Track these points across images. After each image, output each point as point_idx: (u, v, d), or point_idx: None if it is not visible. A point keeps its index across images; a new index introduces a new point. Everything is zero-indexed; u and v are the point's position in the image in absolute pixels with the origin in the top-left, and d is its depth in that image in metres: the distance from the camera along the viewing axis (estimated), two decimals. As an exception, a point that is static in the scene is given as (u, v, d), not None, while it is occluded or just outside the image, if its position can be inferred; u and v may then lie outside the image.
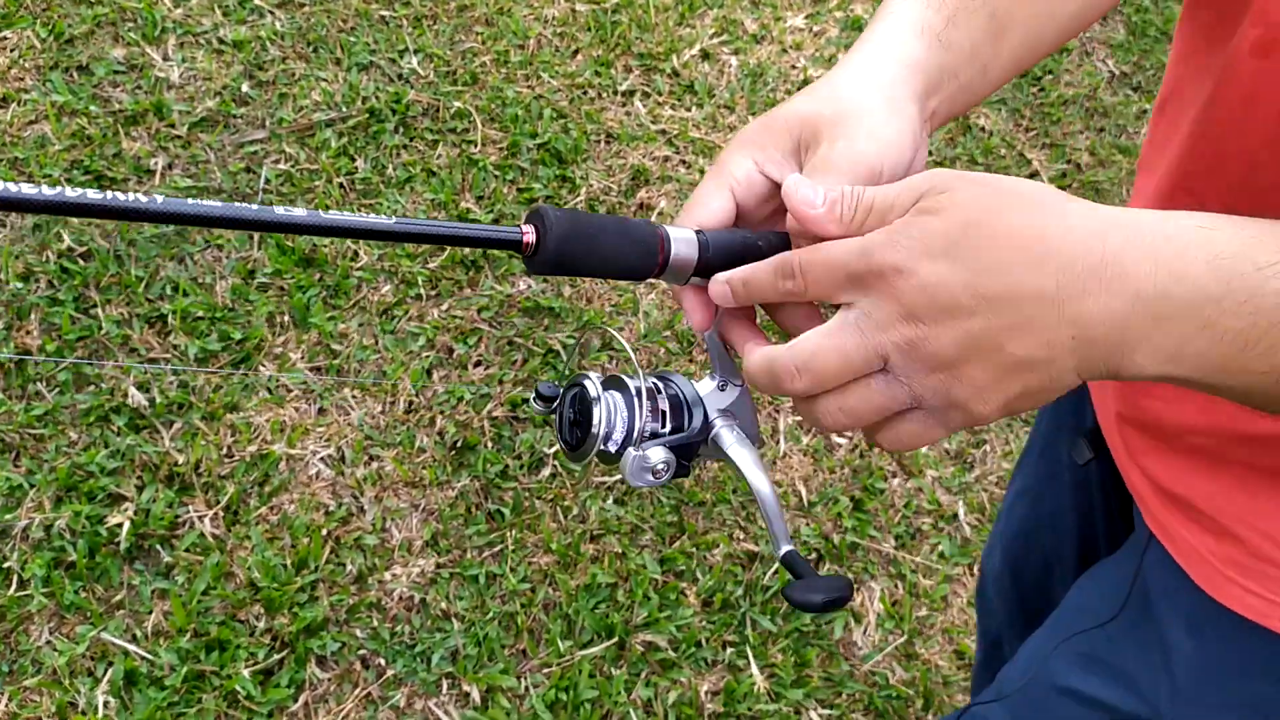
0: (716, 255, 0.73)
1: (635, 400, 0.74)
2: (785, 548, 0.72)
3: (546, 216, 0.69)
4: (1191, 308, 0.56)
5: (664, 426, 0.75)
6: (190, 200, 0.59)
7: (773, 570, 1.95)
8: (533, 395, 0.80)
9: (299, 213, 0.62)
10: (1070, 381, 0.60)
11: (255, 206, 0.61)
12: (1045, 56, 1.00)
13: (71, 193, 0.57)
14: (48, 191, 0.56)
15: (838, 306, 0.63)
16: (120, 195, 0.58)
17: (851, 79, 0.76)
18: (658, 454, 0.74)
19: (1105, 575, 1.00)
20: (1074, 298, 0.57)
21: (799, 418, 2.00)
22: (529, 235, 0.69)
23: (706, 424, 0.77)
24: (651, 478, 0.75)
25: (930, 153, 0.99)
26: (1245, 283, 0.56)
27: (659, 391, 0.76)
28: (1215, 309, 0.56)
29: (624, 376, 0.76)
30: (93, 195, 0.57)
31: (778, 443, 2.11)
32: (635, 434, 0.74)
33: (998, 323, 0.58)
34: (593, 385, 0.75)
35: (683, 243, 0.73)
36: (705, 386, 0.78)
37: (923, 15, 0.78)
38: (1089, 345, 0.58)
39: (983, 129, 2.75)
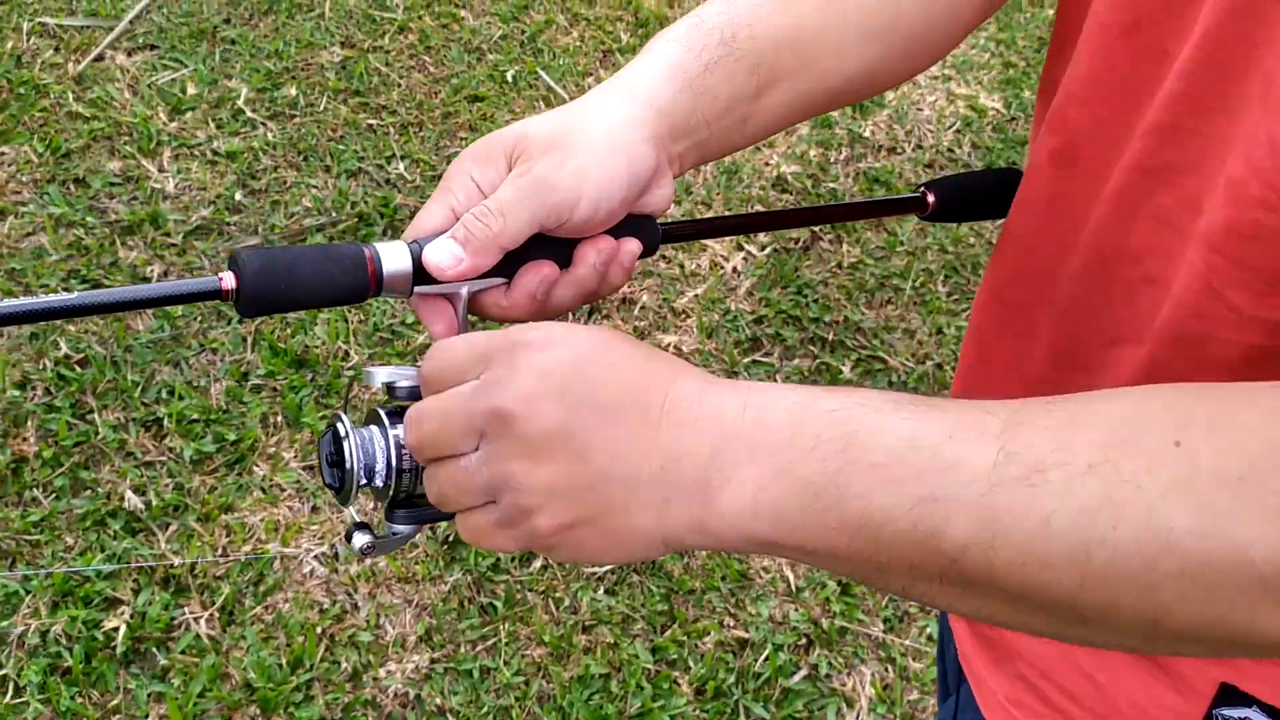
0: None
1: (390, 427, 0.70)
2: None
3: (239, 257, 0.70)
4: (767, 449, 0.56)
5: None
6: None
7: (764, 657, 1.97)
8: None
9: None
10: (648, 525, 0.58)
11: None
12: (825, 112, 1.03)
13: None
14: None
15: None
16: None
17: (585, 109, 0.77)
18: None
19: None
20: (669, 427, 0.58)
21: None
22: (227, 281, 0.70)
23: None
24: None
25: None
26: (814, 426, 0.55)
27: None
28: (787, 452, 0.55)
29: (379, 409, 0.72)
30: None
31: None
32: (395, 462, 0.69)
33: (590, 438, 0.58)
34: (342, 424, 0.71)
35: (393, 256, 0.74)
36: None
37: (680, 59, 0.78)
38: (675, 480, 0.57)
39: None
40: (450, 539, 2.00)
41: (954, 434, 0.52)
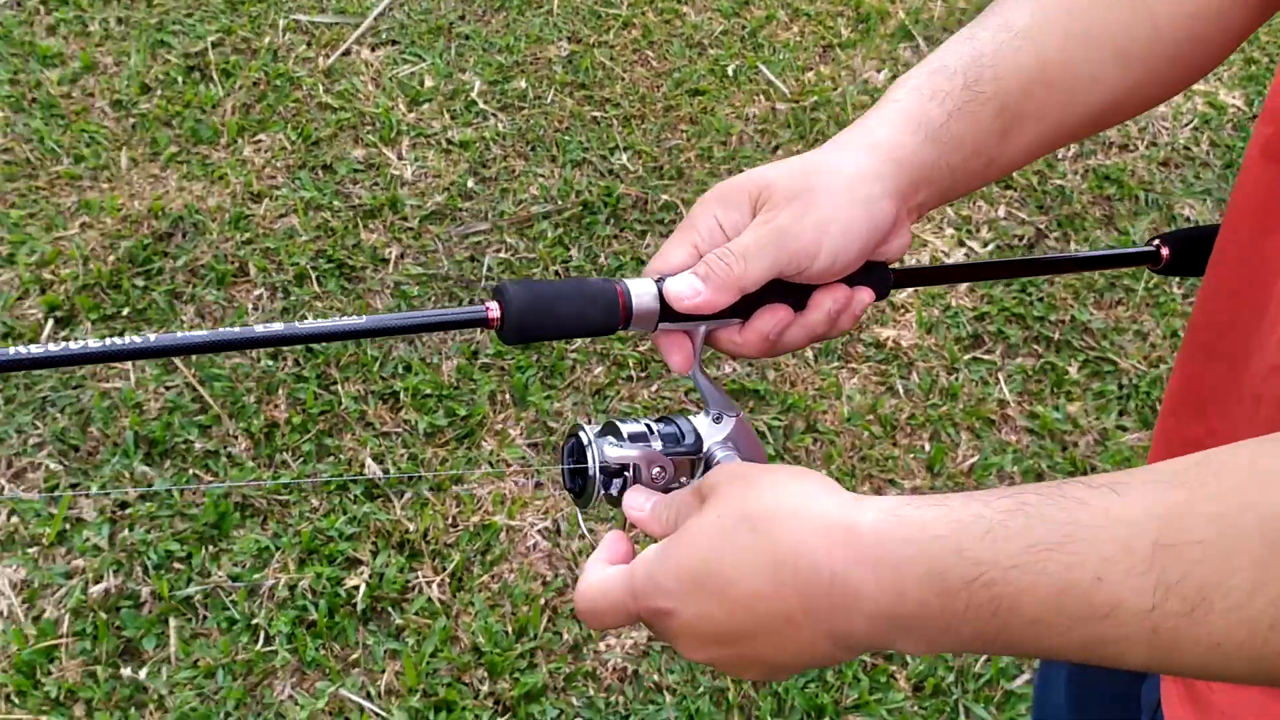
0: None
1: (627, 474, 0.77)
2: None
3: (506, 290, 0.74)
4: (919, 620, 0.57)
5: (664, 484, 0.78)
6: (179, 334, 0.68)
7: (985, 658, 1.93)
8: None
9: (277, 327, 0.69)
10: (847, 657, 0.63)
11: (237, 329, 0.71)
12: (1074, 141, 0.98)
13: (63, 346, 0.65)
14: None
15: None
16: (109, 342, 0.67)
17: (827, 160, 0.77)
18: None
19: None
20: (822, 619, 0.59)
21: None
22: (493, 311, 0.74)
23: (704, 454, 0.80)
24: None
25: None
26: (958, 601, 0.55)
27: (652, 431, 0.79)
28: (942, 623, 0.56)
29: (617, 421, 0.79)
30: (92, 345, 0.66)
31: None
32: (631, 473, 0.77)
33: (759, 645, 0.62)
34: (585, 434, 0.78)
35: (643, 293, 0.77)
36: (701, 422, 0.81)
37: (923, 109, 0.77)
38: (849, 647, 0.61)
39: (1189, 218, 2.72)
40: (669, 520, 2.03)
41: (1102, 574, 0.52)
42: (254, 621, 1.84)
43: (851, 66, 2.79)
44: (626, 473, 0.77)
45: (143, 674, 1.78)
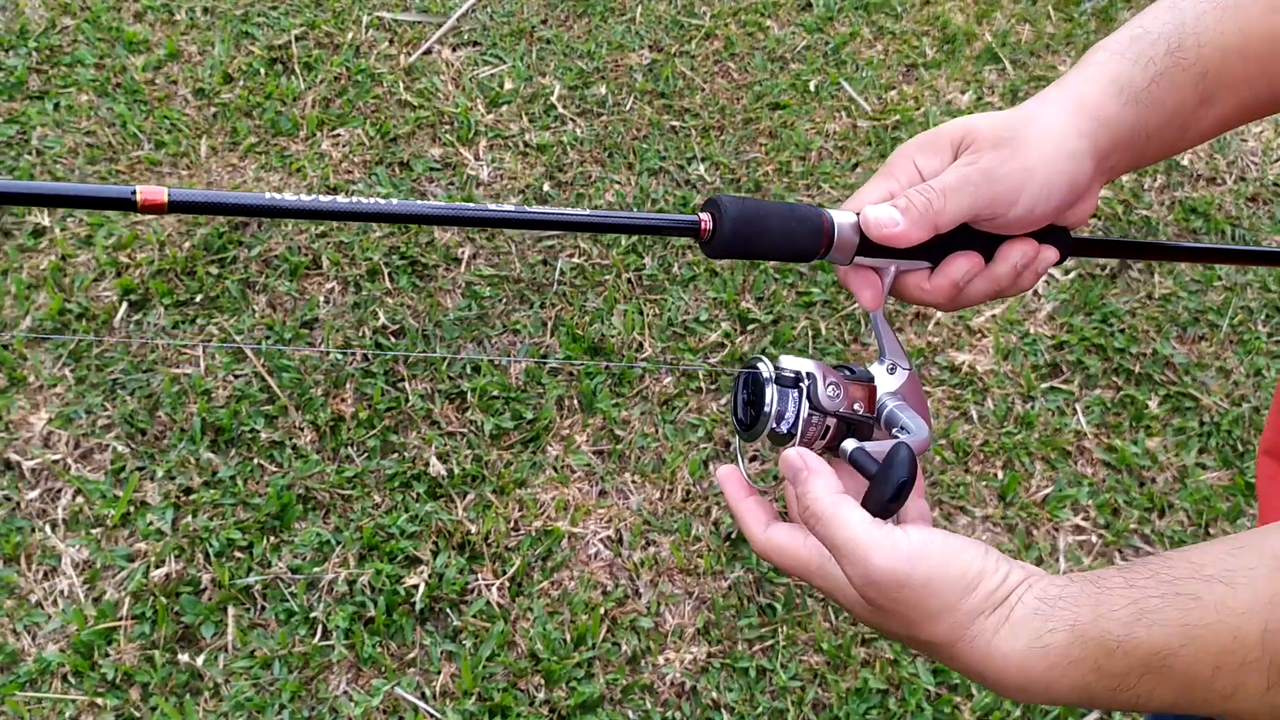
0: None
1: (804, 386, 0.77)
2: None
3: (721, 202, 0.75)
4: (1043, 684, 0.65)
5: (836, 405, 0.78)
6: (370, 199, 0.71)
7: (1052, 694, 1.87)
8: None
9: (507, 208, 0.72)
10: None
11: (470, 205, 0.73)
12: (1260, 118, 0.97)
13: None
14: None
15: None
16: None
17: (1033, 113, 0.78)
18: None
19: None
20: (972, 670, 0.68)
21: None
22: (706, 222, 0.76)
23: (877, 404, 0.80)
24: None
25: None
26: (1098, 702, 0.64)
27: (827, 374, 0.78)
28: (1070, 686, 0.65)
29: (801, 373, 0.79)
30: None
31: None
32: (802, 418, 0.77)
33: (912, 632, 0.70)
34: (765, 367, 0.78)
35: (844, 222, 0.78)
36: (875, 370, 0.81)
37: (1126, 72, 0.78)
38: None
39: None
40: (733, 536, 1.99)
41: (1220, 664, 0.60)
42: (312, 615, 1.82)
43: (935, 87, 2.75)
44: (802, 384, 0.77)
45: (199, 661, 1.77)
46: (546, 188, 2.42)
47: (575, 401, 2.12)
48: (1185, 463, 2.19)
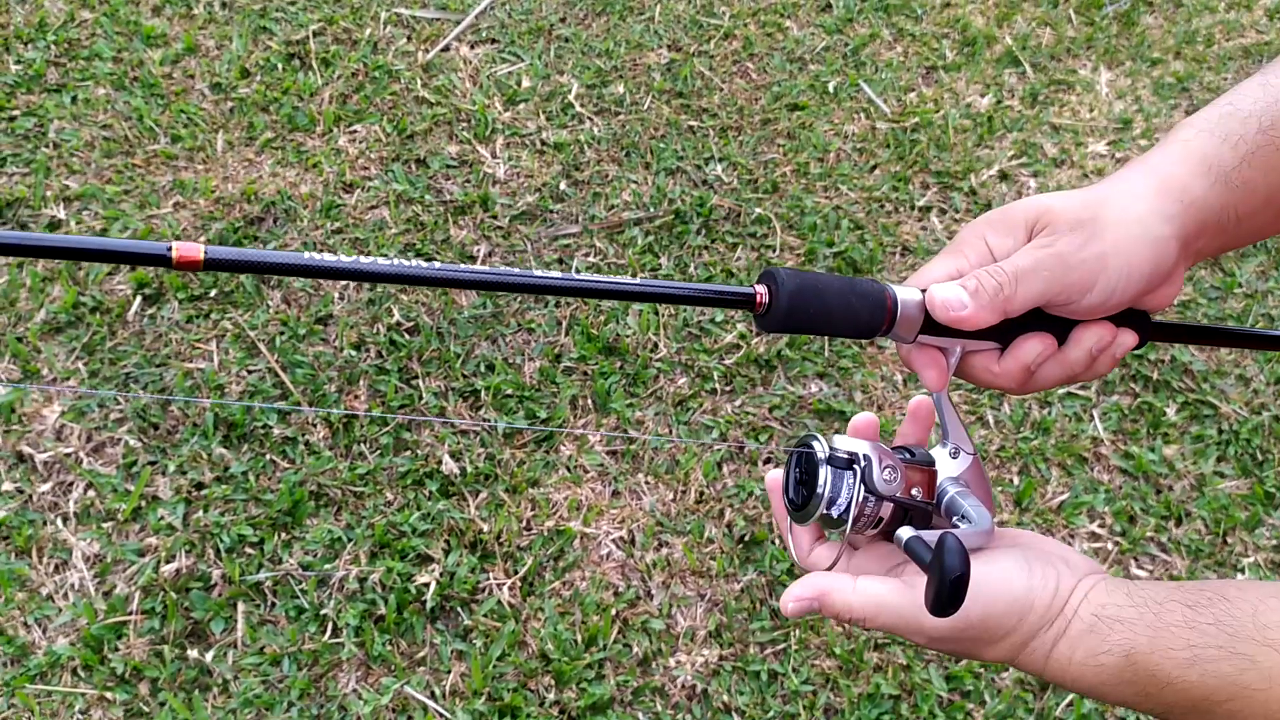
0: None
1: (859, 469, 0.74)
2: None
3: (778, 276, 0.72)
4: (1096, 694, 0.71)
5: (893, 490, 0.75)
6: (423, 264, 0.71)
7: (1066, 701, 1.85)
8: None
9: (555, 275, 0.70)
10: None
11: (516, 270, 0.71)
12: None
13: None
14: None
15: None
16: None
17: (1114, 191, 0.75)
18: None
19: None
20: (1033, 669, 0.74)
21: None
22: (761, 295, 0.73)
23: (937, 491, 0.77)
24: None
25: None
26: (1135, 699, 0.69)
27: (884, 457, 0.75)
28: (1119, 699, 0.70)
29: (858, 455, 0.76)
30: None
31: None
32: (856, 503, 0.74)
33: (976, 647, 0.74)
34: (820, 446, 0.75)
35: (909, 300, 0.75)
36: (938, 454, 0.78)
37: (1215, 151, 0.74)
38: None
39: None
40: (746, 538, 1.98)
41: (1271, 715, 0.64)
42: (322, 612, 1.82)
43: (955, 89, 2.73)
44: (857, 466, 0.74)
45: (209, 657, 1.76)
46: (563, 186, 2.41)
47: (589, 401, 2.11)
48: (1203, 471, 2.17)
